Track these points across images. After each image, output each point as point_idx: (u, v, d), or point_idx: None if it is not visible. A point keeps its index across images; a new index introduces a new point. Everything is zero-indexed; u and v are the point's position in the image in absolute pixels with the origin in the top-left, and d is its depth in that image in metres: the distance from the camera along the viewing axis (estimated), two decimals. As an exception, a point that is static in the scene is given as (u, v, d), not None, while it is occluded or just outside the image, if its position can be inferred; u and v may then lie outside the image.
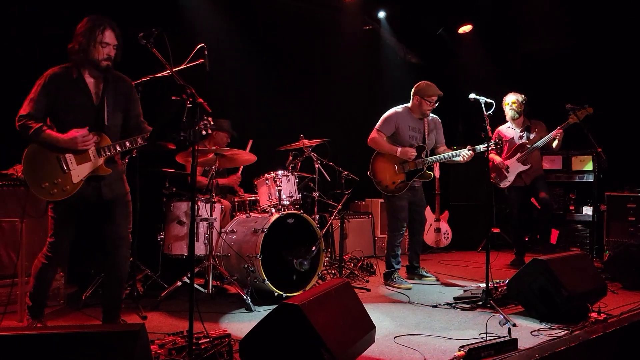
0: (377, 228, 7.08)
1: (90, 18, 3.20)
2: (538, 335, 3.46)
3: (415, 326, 3.74)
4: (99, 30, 3.15)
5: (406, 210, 5.13)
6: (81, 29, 3.18)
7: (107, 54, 3.20)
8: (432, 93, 5.02)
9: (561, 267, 3.85)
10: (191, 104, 2.66)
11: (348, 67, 7.62)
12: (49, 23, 4.78)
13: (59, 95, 3.17)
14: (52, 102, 3.16)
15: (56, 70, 3.21)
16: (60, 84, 3.18)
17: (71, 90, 3.19)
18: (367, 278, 5.42)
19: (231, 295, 4.67)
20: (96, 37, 3.15)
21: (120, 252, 3.38)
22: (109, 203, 3.33)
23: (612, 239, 6.23)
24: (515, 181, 6.01)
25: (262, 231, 4.32)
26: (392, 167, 5.08)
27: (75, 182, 3.17)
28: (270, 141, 5.76)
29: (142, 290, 4.54)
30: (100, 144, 3.22)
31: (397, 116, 5.11)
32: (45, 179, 3.12)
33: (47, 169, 3.13)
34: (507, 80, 7.59)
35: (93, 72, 3.26)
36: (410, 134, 5.10)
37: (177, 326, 3.64)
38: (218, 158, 4.63)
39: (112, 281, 3.42)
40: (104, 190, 3.30)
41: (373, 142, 5.13)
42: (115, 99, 3.34)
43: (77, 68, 3.22)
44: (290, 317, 2.53)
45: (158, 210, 4.83)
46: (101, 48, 3.17)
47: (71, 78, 3.20)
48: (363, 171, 6.14)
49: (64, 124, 3.17)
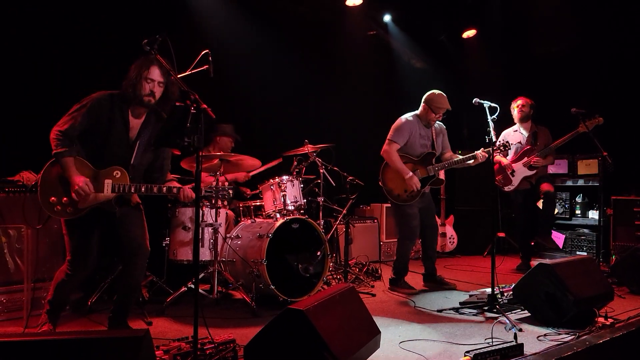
0: (382, 233, 7.07)
1: (142, 57, 3.27)
2: (544, 341, 3.44)
3: (420, 331, 3.72)
4: (146, 66, 3.23)
5: (418, 218, 5.08)
6: (133, 66, 3.27)
7: (151, 90, 3.26)
8: (441, 106, 4.99)
9: (567, 271, 3.83)
10: (195, 110, 2.67)
11: (353, 72, 7.64)
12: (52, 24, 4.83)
13: (99, 122, 3.23)
14: (89, 125, 3.21)
15: (101, 96, 3.27)
16: (103, 111, 3.24)
17: (111, 121, 3.26)
18: (372, 283, 5.41)
19: (236, 301, 4.67)
20: (143, 72, 3.23)
21: (137, 261, 3.41)
22: (121, 214, 3.36)
23: (618, 243, 6.19)
24: (521, 184, 6.01)
25: (267, 236, 4.32)
26: (403, 177, 5.00)
27: (80, 208, 3.21)
28: (276, 145, 5.77)
29: (148, 296, 4.55)
30: (119, 180, 3.26)
31: (409, 125, 5.06)
32: (54, 194, 3.17)
33: (60, 186, 3.18)
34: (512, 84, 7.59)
35: (137, 109, 3.33)
36: (421, 142, 5.09)
37: (183, 332, 3.65)
38: (223, 163, 4.64)
39: (126, 289, 3.46)
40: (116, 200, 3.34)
41: (387, 156, 5.02)
42: (149, 139, 3.41)
43: (124, 99, 3.28)
44: (294, 322, 2.53)
45: (163, 216, 4.85)
46: (146, 84, 3.24)
47: (115, 109, 3.27)
48: (368, 176, 6.14)
49: (95, 150, 3.24)
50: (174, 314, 4.15)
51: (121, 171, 3.27)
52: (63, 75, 4.87)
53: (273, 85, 6.77)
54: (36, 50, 4.78)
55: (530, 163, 5.89)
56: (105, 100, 3.26)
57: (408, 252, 5.12)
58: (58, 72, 4.86)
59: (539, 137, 5.99)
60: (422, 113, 5.11)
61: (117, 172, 3.27)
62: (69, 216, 3.20)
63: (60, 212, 3.19)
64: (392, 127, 5.10)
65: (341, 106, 7.54)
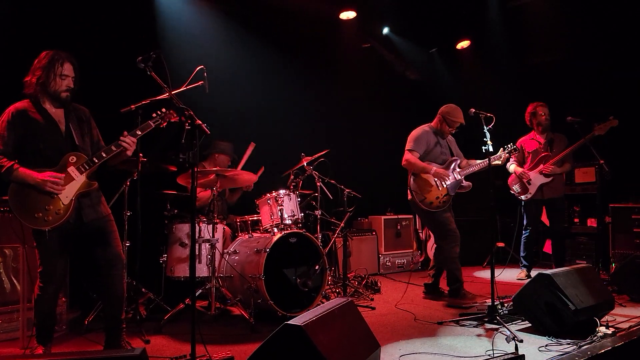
0: (381, 245, 7.04)
1: (48, 52, 3.28)
2: (545, 351, 3.41)
3: (421, 344, 3.69)
4: (58, 63, 3.23)
5: (453, 221, 5.11)
6: (40, 63, 3.25)
7: (67, 86, 3.28)
8: (457, 119, 5.09)
9: (567, 280, 3.81)
10: (190, 126, 2.67)
11: (348, 85, 7.66)
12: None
13: (26, 128, 3.21)
14: (19, 136, 3.20)
15: (17, 106, 3.26)
16: (24, 116, 3.22)
17: (37, 121, 3.24)
18: (371, 296, 5.37)
19: (235, 317, 4.64)
20: (56, 69, 3.23)
21: (113, 272, 3.38)
22: (92, 225, 3.34)
23: (617, 251, 6.18)
24: (535, 194, 5.98)
25: (265, 251, 4.30)
26: (433, 183, 5.03)
27: (66, 204, 3.19)
28: (272, 159, 5.77)
29: (145, 314, 4.51)
30: (78, 162, 3.25)
31: (427, 135, 5.13)
32: (36, 209, 3.13)
33: (34, 199, 3.14)
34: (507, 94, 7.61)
35: (53, 103, 3.32)
36: (440, 150, 5.15)
37: (181, 349, 3.61)
38: (219, 179, 4.63)
39: (110, 301, 3.41)
40: (86, 211, 3.32)
41: (408, 164, 5.06)
42: (79, 125, 3.40)
43: (37, 100, 3.28)
44: (293, 337, 2.50)
45: (160, 233, 4.83)
46: (61, 80, 3.25)
47: (33, 110, 3.26)
48: (365, 188, 6.13)
49: (36, 153, 3.21)
50: (171, 332, 4.11)
51: (76, 155, 3.26)
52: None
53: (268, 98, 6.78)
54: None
55: (545, 171, 5.88)
56: (21, 108, 3.25)
57: (455, 255, 5.06)
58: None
59: (554, 144, 5.98)
60: (436, 125, 5.19)
61: (72, 157, 3.25)
62: (62, 218, 3.16)
63: (53, 220, 3.15)
64: (410, 138, 5.15)
65: (336, 119, 7.55)
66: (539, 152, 6.03)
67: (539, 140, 6.08)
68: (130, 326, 4.14)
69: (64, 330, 4.13)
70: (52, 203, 3.16)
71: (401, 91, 8.39)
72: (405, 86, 8.54)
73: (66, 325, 4.17)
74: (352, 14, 7.24)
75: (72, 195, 3.22)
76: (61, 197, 3.18)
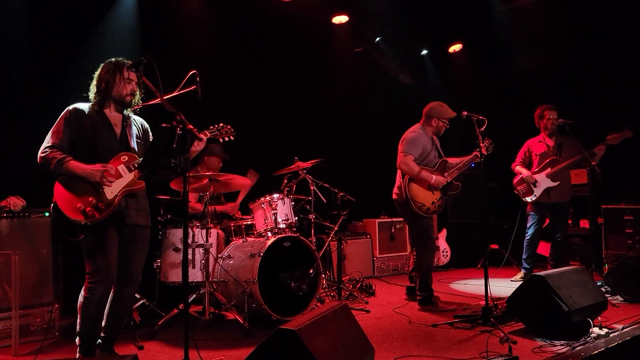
0: (375, 248, 7.05)
1: (113, 59, 3.33)
2: (539, 352, 3.42)
3: (415, 347, 3.69)
4: (124, 68, 3.28)
5: (435, 230, 5.06)
6: (105, 69, 3.31)
7: (132, 90, 3.32)
8: (448, 114, 5.06)
9: (560, 282, 3.82)
10: (181, 131, 2.66)
11: (341, 88, 7.68)
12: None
13: (81, 127, 3.25)
14: (75, 133, 3.23)
15: (77, 105, 3.31)
16: (82, 116, 3.27)
17: (93, 122, 3.28)
18: (366, 299, 5.37)
19: (229, 322, 4.62)
20: (122, 73, 3.27)
21: (128, 290, 3.39)
22: (130, 230, 3.32)
23: (610, 252, 6.22)
24: (541, 197, 5.93)
25: (259, 255, 4.30)
26: (428, 189, 4.97)
27: (110, 199, 3.16)
28: (265, 164, 5.77)
29: (139, 320, 4.49)
30: (129, 161, 3.26)
31: (421, 137, 5.05)
32: (79, 201, 3.11)
33: (81, 191, 3.13)
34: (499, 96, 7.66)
35: (115, 107, 3.36)
36: (433, 153, 5.12)
37: (175, 355, 3.60)
38: (212, 183, 4.62)
39: (114, 316, 3.38)
40: (130, 213, 3.30)
41: (406, 167, 4.94)
42: (136, 133, 3.45)
43: (100, 104, 3.32)
44: (286, 342, 2.50)
45: (154, 238, 4.80)
46: (126, 84, 3.29)
47: (92, 112, 3.30)
48: (359, 192, 6.14)
49: (89, 153, 3.23)
50: (165, 337, 4.10)
51: (128, 155, 3.28)
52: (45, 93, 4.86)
53: (261, 103, 6.79)
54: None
55: (553, 174, 5.86)
56: (81, 107, 3.30)
57: (431, 264, 5.05)
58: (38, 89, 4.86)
59: (564, 148, 5.92)
60: (429, 125, 5.12)
61: (124, 156, 3.27)
62: (101, 214, 3.12)
63: (92, 213, 3.10)
64: (405, 141, 5.03)
65: (330, 122, 7.57)
66: (548, 155, 5.97)
67: (548, 143, 6.03)
68: (124, 332, 4.12)
69: (57, 337, 4.10)
70: (96, 196, 3.13)
71: (394, 95, 8.41)
72: (399, 90, 8.56)
73: (59, 331, 4.14)
74: (344, 18, 7.26)
75: (117, 191, 3.19)
76: (106, 191, 3.15)
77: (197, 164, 5.50)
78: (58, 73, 4.97)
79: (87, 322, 3.21)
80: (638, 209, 6.08)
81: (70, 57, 5.06)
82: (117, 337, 3.47)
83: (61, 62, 5.04)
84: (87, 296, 3.18)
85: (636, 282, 4.83)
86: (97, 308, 3.21)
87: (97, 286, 3.16)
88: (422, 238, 5.05)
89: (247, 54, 6.66)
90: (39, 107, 4.71)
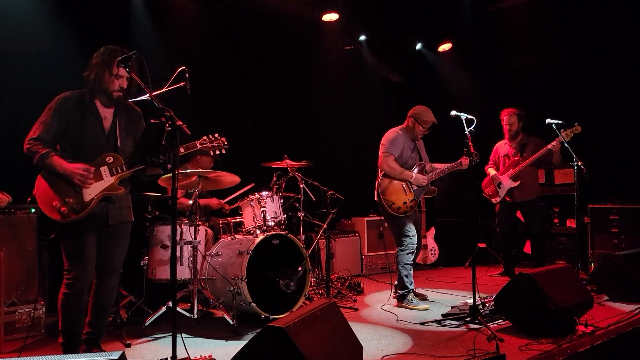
0: (364, 246, 7.05)
1: (107, 48, 3.22)
2: (526, 350, 3.44)
3: (403, 345, 3.70)
4: (114, 62, 3.17)
5: (414, 229, 5.08)
6: (97, 59, 3.21)
7: (120, 86, 3.23)
8: (428, 119, 5.04)
9: (547, 280, 3.85)
10: (170, 127, 2.64)
11: (330, 87, 7.65)
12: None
13: (70, 119, 3.18)
14: (62, 126, 3.17)
15: (67, 95, 3.23)
16: (70, 108, 3.19)
17: (82, 115, 3.21)
18: (354, 297, 5.37)
19: (217, 319, 4.60)
20: (111, 69, 3.18)
21: (109, 282, 3.35)
22: (112, 229, 3.30)
23: (596, 251, 6.28)
24: (506, 197, 6.09)
25: (247, 253, 4.28)
26: (401, 188, 4.99)
27: (86, 201, 3.13)
28: (254, 163, 5.74)
29: (126, 317, 4.47)
30: (113, 163, 3.21)
31: (401, 137, 5.07)
32: (56, 198, 3.09)
33: (60, 189, 3.11)
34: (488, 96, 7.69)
35: (105, 101, 3.29)
36: (410, 155, 5.11)
37: (162, 353, 3.58)
38: (201, 180, 4.60)
39: (98, 309, 3.36)
40: (112, 214, 3.28)
41: (387, 166, 4.97)
42: (127, 126, 3.36)
43: (90, 95, 3.25)
44: (275, 340, 2.49)
45: (141, 235, 4.77)
46: (115, 80, 3.21)
47: (82, 103, 3.23)
48: (348, 190, 6.14)
49: (75, 147, 3.18)
50: (153, 335, 4.07)
51: (113, 156, 3.23)
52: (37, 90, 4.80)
53: (250, 101, 6.77)
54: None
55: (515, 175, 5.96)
56: (71, 97, 3.23)
57: (409, 262, 5.04)
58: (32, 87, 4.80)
59: (526, 148, 6.02)
60: (408, 127, 5.13)
61: (109, 157, 3.22)
62: (77, 215, 3.10)
63: (67, 213, 3.08)
64: (386, 140, 5.07)
65: (319, 120, 7.55)
66: (510, 156, 6.12)
67: (511, 145, 6.17)
68: (111, 330, 4.10)
69: (42, 335, 4.07)
70: (73, 197, 3.11)
71: (384, 94, 8.41)
72: (388, 89, 8.56)
73: (44, 329, 4.10)
74: (334, 16, 7.24)
75: (95, 194, 3.16)
76: (84, 192, 3.13)
77: (187, 162, 5.46)
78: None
79: (68, 318, 3.20)
80: (624, 208, 6.14)
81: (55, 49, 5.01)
82: (103, 332, 3.44)
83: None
84: (66, 292, 3.18)
85: (622, 281, 4.88)
86: (76, 304, 3.20)
87: (75, 282, 3.16)
88: (397, 237, 5.09)
89: (235, 51, 6.62)
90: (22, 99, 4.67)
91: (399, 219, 5.01)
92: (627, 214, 6.10)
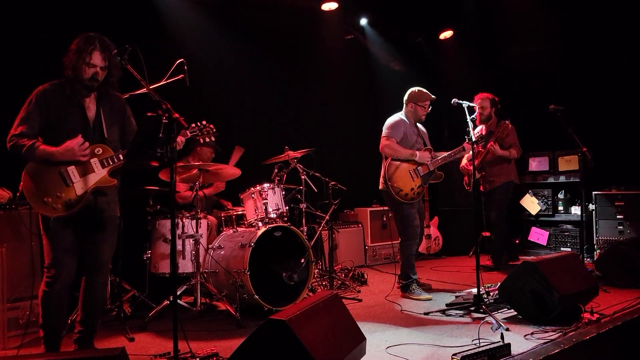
0: (367, 237, 7.03)
1: (82, 37, 3.14)
2: (531, 339, 3.42)
3: (407, 335, 3.68)
4: (87, 51, 3.09)
5: (417, 218, 5.06)
6: (73, 47, 3.13)
7: (93, 75, 3.13)
8: (426, 98, 5.05)
9: (551, 268, 3.82)
10: (167, 120, 2.61)
11: (331, 77, 7.60)
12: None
13: (51, 112, 3.10)
14: (44, 119, 3.09)
15: (46, 87, 3.15)
16: (51, 100, 3.11)
17: (64, 106, 3.13)
18: (358, 288, 5.36)
19: (221, 312, 4.60)
20: (85, 57, 3.10)
21: (99, 278, 3.29)
22: (99, 222, 3.23)
23: (601, 238, 6.23)
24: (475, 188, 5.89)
25: (250, 245, 4.27)
26: (408, 174, 4.95)
27: (79, 195, 3.08)
28: (256, 153, 5.71)
29: (130, 311, 4.46)
30: (103, 155, 3.16)
31: (403, 122, 5.06)
32: (47, 194, 3.03)
33: (49, 184, 3.04)
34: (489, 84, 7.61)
35: (83, 90, 3.19)
36: (416, 139, 5.09)
37: (166, 346, 3.56)
38: (202, 173, 4.57)
39: (88, 307, 3.29)
40: (100, 207, 3.22)
41: (389, 149, 4.95)
42: (111, 114, 3.29)
43: (70, 84, 3.14)
44: (277, 332, 2.47)
45: (143, 229, 4.76)
46: (87, 68, 3.11)
47: (63, 94, 3.14)
48: (350, 181, 6.10)
49: (59, 139, 3.08)
50: (156, 329, 4.07)
51: (102, 147, 3.17)
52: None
53: (251, 93, 6.72)
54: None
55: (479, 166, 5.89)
56: (50, 89, 3.14)
57: (412, 252, 5.04)
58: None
59: (494, 135, 5.80)
60: (408, 112, 5.12)
61: (98, 149, 3.15)
62: (71, 209, 3.05)
63: (61, 209, 3.04)
64: (387, 125, 5.07)
65: (320, 111, 7.51)
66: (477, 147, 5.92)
67: (481, 131, 5.91)
68: (114, 324, 4.10)
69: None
70: (65, 191, 3.05)
71: (385, 82, 8.35)
72: (390, 77, 8.49)
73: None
74: (334, 5, 7.17)
75: (87, 187, 3.11)
76: (76, 187, 3.07)
77: (188, 154, 5.44)
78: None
79: (48, 315, 3.16)
80: (629, 194, 6.09)
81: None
82: (95, 330, 3.36)
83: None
84: (46, 290, 3.13)
85: (627, 267, 4.85)
86: (56, 302, 3.16)
87: (55, 281, 3.11)
88: (401, 226, 5.07)
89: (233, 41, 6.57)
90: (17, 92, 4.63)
91: (404, 208, 4.98)
92: (632, 200, 6.06)
